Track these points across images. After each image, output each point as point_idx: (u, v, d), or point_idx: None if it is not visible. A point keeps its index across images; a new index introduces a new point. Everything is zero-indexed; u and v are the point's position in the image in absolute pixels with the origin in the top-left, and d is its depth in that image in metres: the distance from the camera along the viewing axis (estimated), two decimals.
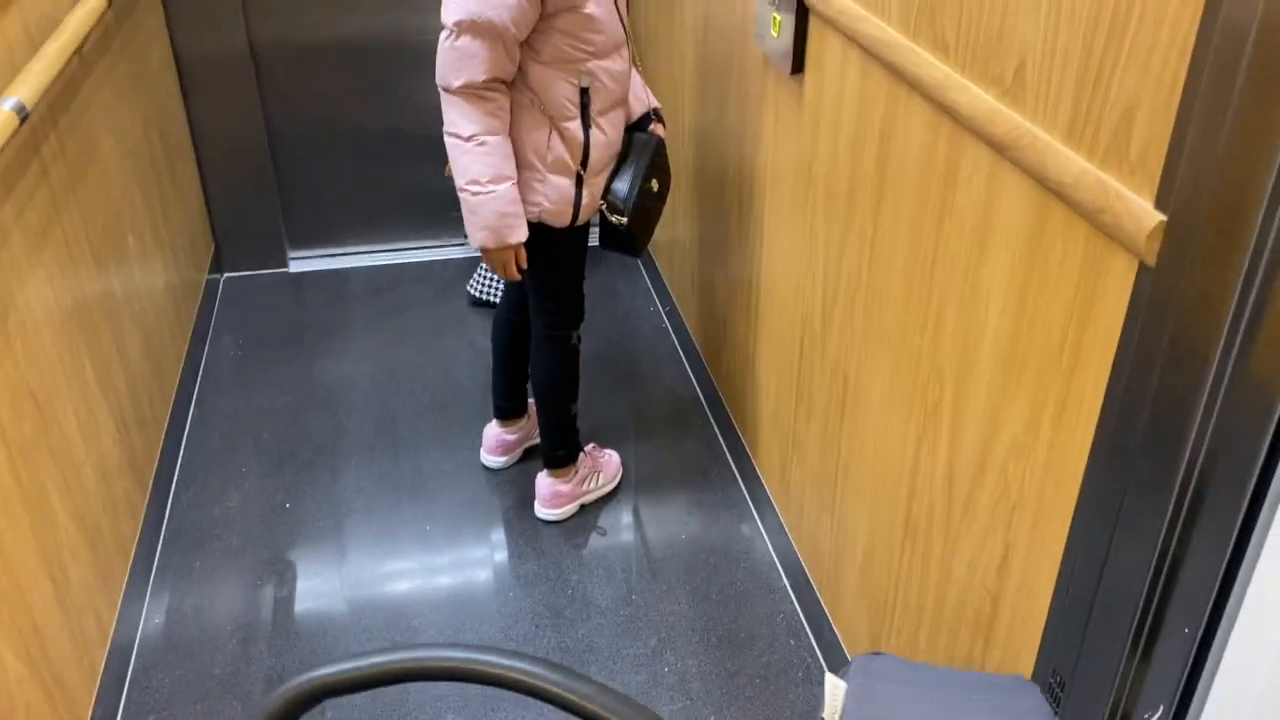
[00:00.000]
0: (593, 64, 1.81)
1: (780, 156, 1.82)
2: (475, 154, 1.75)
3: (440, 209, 3.15)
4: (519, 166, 1.81)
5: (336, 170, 3.09)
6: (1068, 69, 0.99)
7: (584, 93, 1.83)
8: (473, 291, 2.94)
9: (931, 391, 1.34)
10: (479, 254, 2.00)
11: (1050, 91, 1.02)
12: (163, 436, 2.28)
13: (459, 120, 1.74)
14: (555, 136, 1.84)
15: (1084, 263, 1.00)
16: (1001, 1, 1.08)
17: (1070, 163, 0.99)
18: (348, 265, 3.18)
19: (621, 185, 1.97)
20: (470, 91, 1.72)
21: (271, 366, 2.71)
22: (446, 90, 1.73)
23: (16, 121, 1.50)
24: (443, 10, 1.70)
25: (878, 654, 1.26)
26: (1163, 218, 0.87)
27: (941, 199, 1.26)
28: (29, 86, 1.59)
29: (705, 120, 2.32)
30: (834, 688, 1.18)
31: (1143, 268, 0.91)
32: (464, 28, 1.67)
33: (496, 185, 1.77)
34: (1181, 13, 0.83)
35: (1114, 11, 0.91)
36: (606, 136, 1.90)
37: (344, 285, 3.09)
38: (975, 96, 1.14)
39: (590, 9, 1.76)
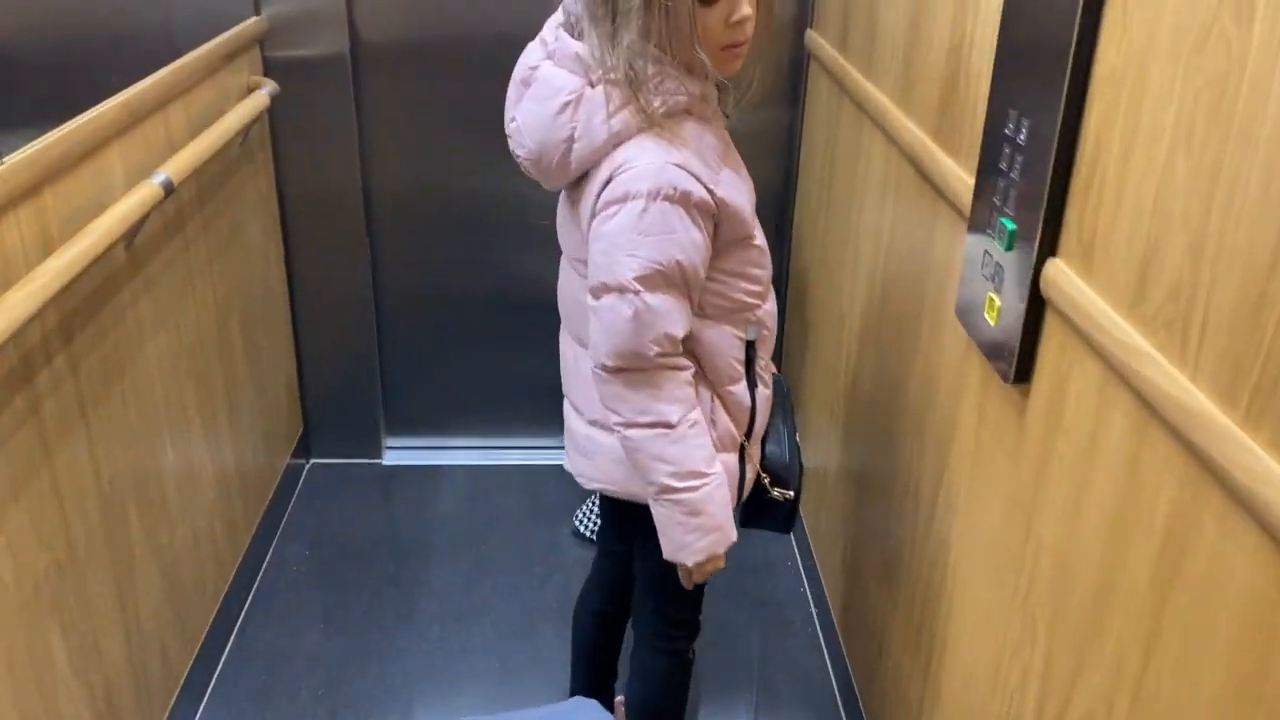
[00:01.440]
0: (760, 310, 1.43)
1: (980, 479, 1.33)
2: (689, 438, 1.34)
3: (548, 406, 2.76)
4: None
5: (444, 348, 2.74)
6: None
7: (749, 346, 1.43)
8: (579, 527, 2.51)
9: None
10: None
11: None
12: (179, 686, 1.89)
13: (657, 404, 1.33)
14: (718, 406, 1.43)
15: None
16: None
17: None
18: (444, 461, 2.80)
19: (777, 448, 1.57)
20: (669, 362, 1.32)
21: (334, 591, 2.32)
22: (630, 369, 1.32)
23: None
24: (600, 272, 1.31)
25: None
26: None
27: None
28: None
29: (872, 385, 1.86)
30: None
31: None
32: (652, 282, 1.27)
33: (712, 466, 1.37)
34: None
35: None
36: (768, 390, 1.52)
37: (436, 487, 2.71)
38: None
39: (759, 239, 1.40)
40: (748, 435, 1.49)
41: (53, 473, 1.44)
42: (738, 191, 1.35)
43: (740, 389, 1.45)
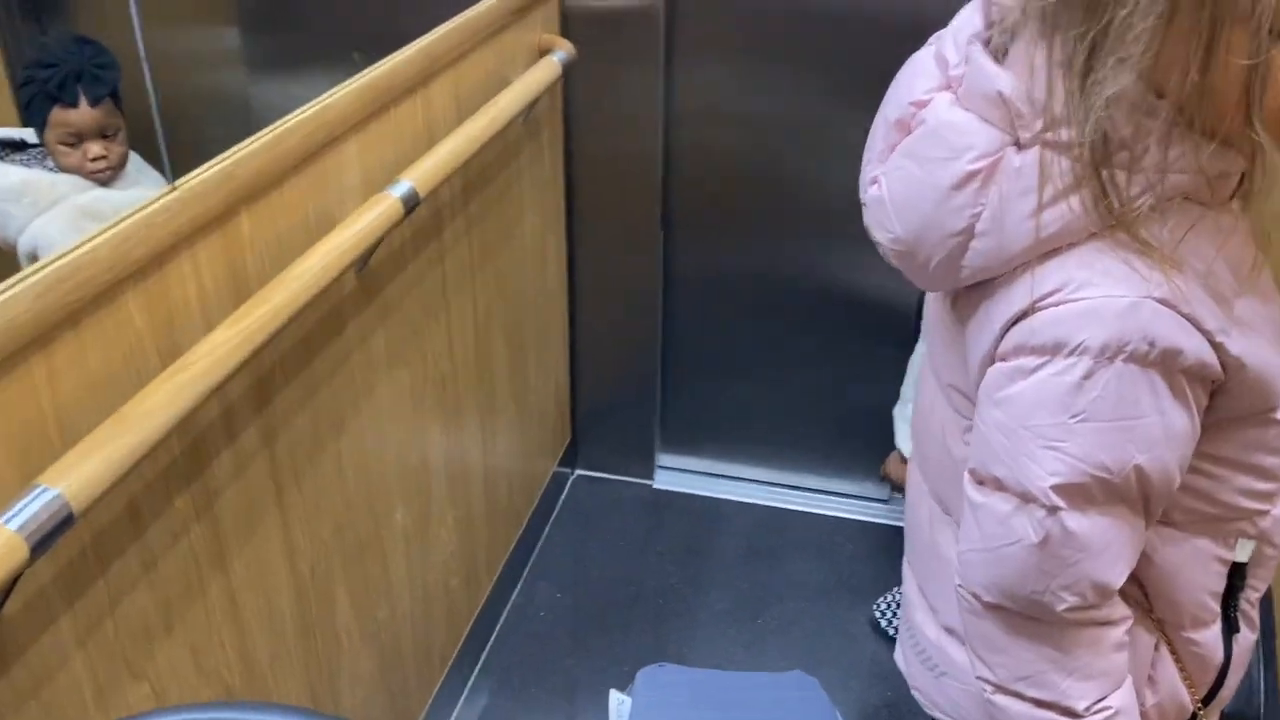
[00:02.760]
0: (1268, 518, 0.85)
1: None
2: None
3: (854, 445, 2.26)
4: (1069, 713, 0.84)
5: (738, 361, 2.28)
6: None
7: (1234, 573, 0.87)
8: (880, 618, 2.00)
9: None
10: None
11: None
12: None
13: (1057, 676, 0.81)
14: (1164, 659, 0.90)
15: None
16: None
17: None
18: (723, 494, 2.36)
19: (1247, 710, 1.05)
20: (1089, 617, 0.80)
21: (580, 655, 1.96)
22: (1019, 613, 0.81)
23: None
24: (991, 458, 0.80)
25: (662, 665, 1.29)
26: None
27: None
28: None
29: None
30: (618, 703, 1.22)
31: None
32: (1085, 497, 0.76)
33: None
34: None
35: None
36: (1255, 633, 0.96)
37: (711, 527, 2.27)
38: None
39: None
40: (1206, 700, 0.93)
41: (227, 584, 1.11)
42: (1263, 339, 0.78)
43: (1209, 636, 0.89)
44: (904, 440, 1.83)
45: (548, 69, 1.70)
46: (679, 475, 2.41)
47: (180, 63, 1.29)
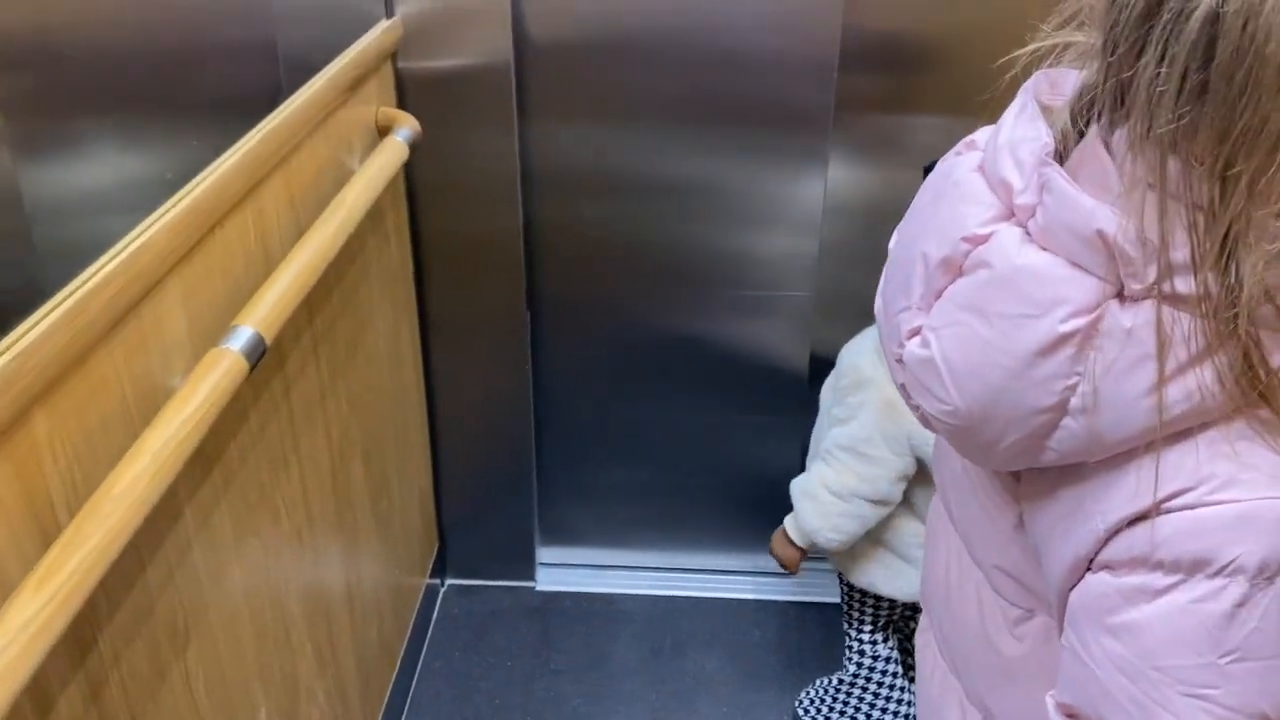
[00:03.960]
0: None
1: None
2: None
3: (753, 519, 2.10)
4: None
5: (618, 438, 2.08)
6: None
7: None
8: (802, 714, 1.84)
9: None
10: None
11: None
12: None
13: None
14: None
15: None
16: None
17: None
18: (614, 588, 2.15)
19: None
20: None
21: None
22: None
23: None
24: (1097, 698, 0.62)
25: None
26: None
27: None
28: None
29: None
30: None
31: None
32: None
33: None
34: None
35: None
36: None
37: (605, 628, 2.06)
38: None
39: None
40: None
41: None
42: None
43: None
44: (805, 520, 1.65)
45: (393, 152, 1.45)
46: (563, 571, 2.18)
47: None
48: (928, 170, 1.43)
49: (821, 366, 1.76)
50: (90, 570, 0.72)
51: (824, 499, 1.58)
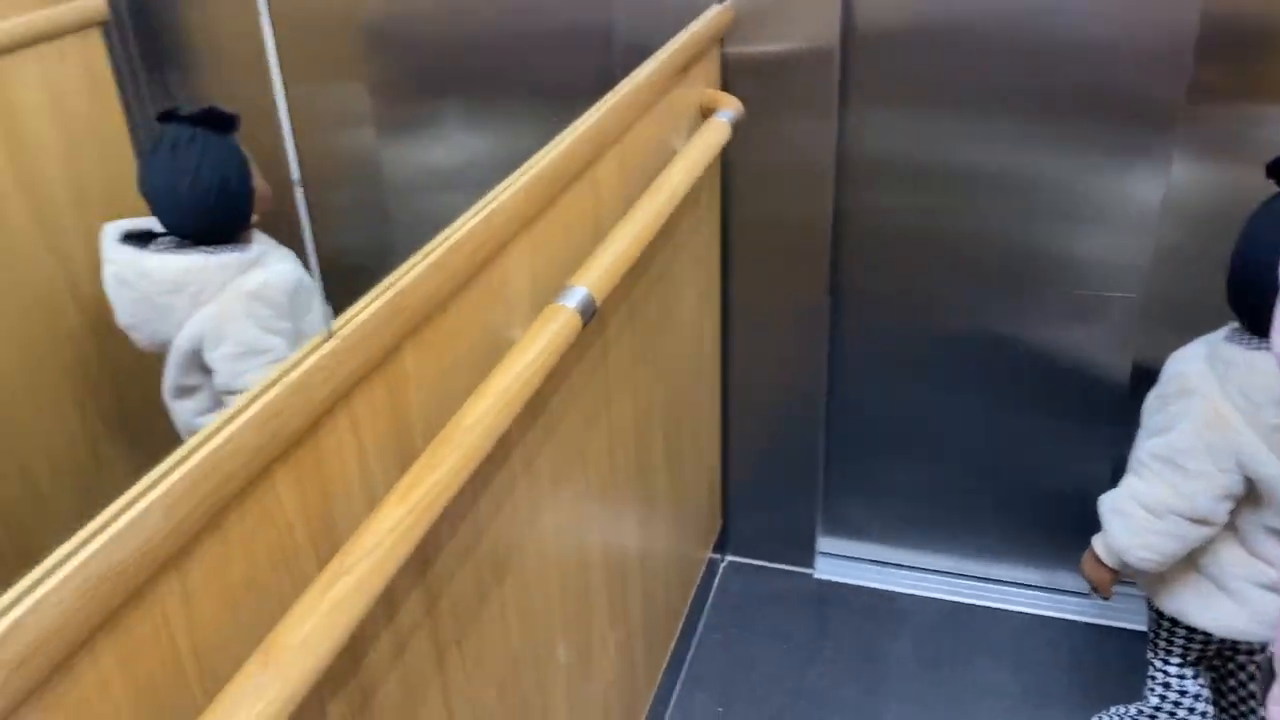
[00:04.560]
0: None
1: None
2: None
3: (1055, 530, 1.99)
4: None
5: (912, 433, 2.04)
6: None
7: None
8: None
9: None
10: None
11: None
12: None
13: None
14: None
15: None
16: None
17: None
18: (896, 586, 2.12)
19: None
20: None
21: None
22: None
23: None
24: None
25: None
26: None
27: None
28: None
29: None
30: None
31: None
32: None
33: None
34: None
35: None
36: None
37: (885, 625, 2.03)
38: None
39: None
40: None
41: None
42: None
43: None
44: (1115, 538, 1.55)
45: (716, 132, 1.49)
46: (843, 563, 2.17)
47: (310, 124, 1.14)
48: (1271, 169, 1.29)
49: (1145, 377, 1.64)
50: (443, 491, 0.81)
51: (1135, 515, 1.48)
